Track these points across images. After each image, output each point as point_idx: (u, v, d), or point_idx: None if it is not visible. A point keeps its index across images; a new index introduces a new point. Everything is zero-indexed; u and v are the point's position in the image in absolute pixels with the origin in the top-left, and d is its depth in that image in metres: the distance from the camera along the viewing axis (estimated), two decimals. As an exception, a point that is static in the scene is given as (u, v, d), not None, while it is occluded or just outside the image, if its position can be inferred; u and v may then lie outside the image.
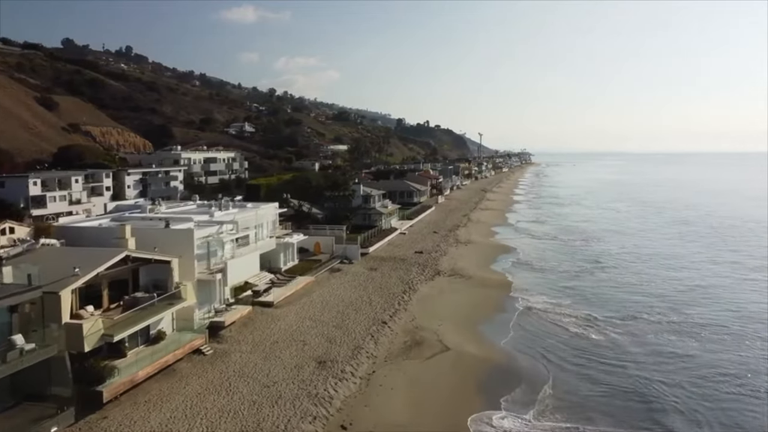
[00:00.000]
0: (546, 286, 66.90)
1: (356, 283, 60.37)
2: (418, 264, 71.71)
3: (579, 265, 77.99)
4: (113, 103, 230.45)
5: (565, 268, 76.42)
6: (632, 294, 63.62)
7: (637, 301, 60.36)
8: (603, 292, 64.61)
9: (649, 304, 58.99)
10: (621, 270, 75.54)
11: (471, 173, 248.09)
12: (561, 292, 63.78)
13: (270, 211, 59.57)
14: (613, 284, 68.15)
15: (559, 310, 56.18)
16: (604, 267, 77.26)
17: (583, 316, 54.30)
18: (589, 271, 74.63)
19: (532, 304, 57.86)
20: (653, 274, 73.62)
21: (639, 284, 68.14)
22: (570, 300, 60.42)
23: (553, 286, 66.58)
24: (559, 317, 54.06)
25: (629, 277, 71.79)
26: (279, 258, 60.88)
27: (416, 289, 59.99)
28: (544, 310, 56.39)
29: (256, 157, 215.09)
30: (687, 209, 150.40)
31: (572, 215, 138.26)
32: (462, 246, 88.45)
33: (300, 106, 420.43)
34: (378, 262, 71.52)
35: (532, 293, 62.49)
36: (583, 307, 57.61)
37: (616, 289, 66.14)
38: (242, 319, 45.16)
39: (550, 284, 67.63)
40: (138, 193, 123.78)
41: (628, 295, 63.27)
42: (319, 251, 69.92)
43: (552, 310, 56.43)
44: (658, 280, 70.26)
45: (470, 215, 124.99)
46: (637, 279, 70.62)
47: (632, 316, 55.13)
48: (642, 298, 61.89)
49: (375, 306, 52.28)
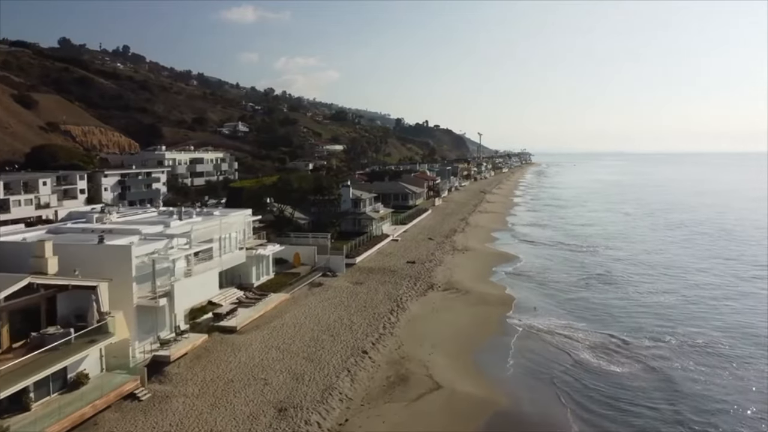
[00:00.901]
0: (551, 301, 59.88)
1: (337, 300, 53.33)
2: (410, 276, 64.69)
3: (586, 277, 70.89)
4: (102, 102, 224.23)
5: (571, 279, 69.34)
6: (648, 311, 56.50)
7: (655, 320, 53.28)
8: (615, 308, 57.54)
9: (669, 324, 51.94)
10: (634, 282, 68.47)
11: (470, 174, 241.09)
12: (568, 309, 56.72)
13: (239, 219, 52.52)
14: (625, 298, 61.12)
15: (567, 333, 49.14)
16: (614, 278, 70.19)
17: (596, 341, 47.16)
18: (598, 283, 67.54)
19: (536, 325, 50.81)
20: (670, 286, 66.56)
21: (654, 298, 61.08)
22: (578, 319, 53.39)
23: (558, 302, 59.55)
24: (569, 341, 46.99)
25: (643, 289, 64.72)
26: (250, 272, 53.86)
27: (405, 308, 52.96)
28: (551, 331, 49.35)
29: (248, 158, 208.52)
30: (694, 211, 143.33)
31: (576, 218, 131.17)
32: (459, 254, 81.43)
33: (297, 106, 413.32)
34: (365, 274, 64.50)
35: (536, 311, 55.47)
36: (595, 328, 50.57)
37: (629, 304, 59.11)
38: (195, 351, 38.13)
39: (555, 299, 60.61)
40: (116, 196, 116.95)
41: (643, 312, 56.17)
42: (299, 263, 62.86)
43: (560, 331, 49.37)
44: (676, 293, 63.17)
45: (468, 219, 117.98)
46: (652, 292, 63.54)
47: (653, 338, 48.10)
48: (660, 315, 54.79)
49: (356, 330, 45.26)
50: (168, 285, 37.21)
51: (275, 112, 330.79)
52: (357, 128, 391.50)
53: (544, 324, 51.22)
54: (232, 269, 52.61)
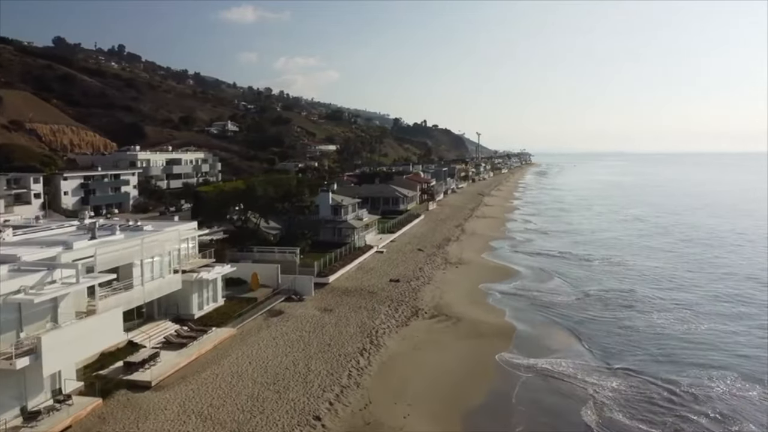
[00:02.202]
0: (561, 330, 49.74)
1: (297, 336, 43.15)
2: (391, 299, 54.51)
3: (601, 296, 60.57)
4: (84, 100, 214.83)
5: (583, 300, 59.04)
6: (684, 343, 46.29)
7: (695, 354, 43.26)
8: (642, 339, 47.19)
9: (716, 360, 41.87)
10: (660, 303, 58.08)
11: (468, 175, 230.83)
12: (584, 341, 46.55)
13: (173, 236, 42.31)
14: (652, 326, 50.58)
15: (587, 377, 38.82)
16: (636, 298, 59.81)
17: (627, 390, 36.80)
18: (617, 305, 57.30)
19: (545, 367, 40.56)
20: (706, 308, 56.31)
21: (689, 326, 50.68)
22: (599, 355, 43.31)
23: (570, 331, 49.32)
24: (591, 391, 36.69)
25: (674, 314, 54.28)
26: (190, 300, 43.71)
27: (381, 345, 42.77)
28: (565, 376, 39.15)
29: (234, 158, 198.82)
30: (702, 212, 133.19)
31: (582, 224, 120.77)
32: (451, 269, 71.26)
33: (291, 105, 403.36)
34: (338, 297, 54.31)
35: (544, 347, 45.29)
36: (622, 368, 40.37)
37: (658, 333, 48.67)
38: (81, 424, 27.98)
39: (566, 327, 50.37)
40: (78, 200, 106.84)
41: (678, 343, 46.05)
42: (257, 285, 52.55)
43: (577, 375, 39.20)
44: (717, 319, 52.91)
45: (464, 225, 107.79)
46: (684, 319, 53.09)
47: (699, 383, 37.97)
48: (701, 348, 44.67)
49: (312, 382, 35.08)
50: (39, 335, 26.94)
51: (268, 111, 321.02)
52: (353, 128, 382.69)
53: (555, 365, 40.99)
54: (167, 297, 42.57)
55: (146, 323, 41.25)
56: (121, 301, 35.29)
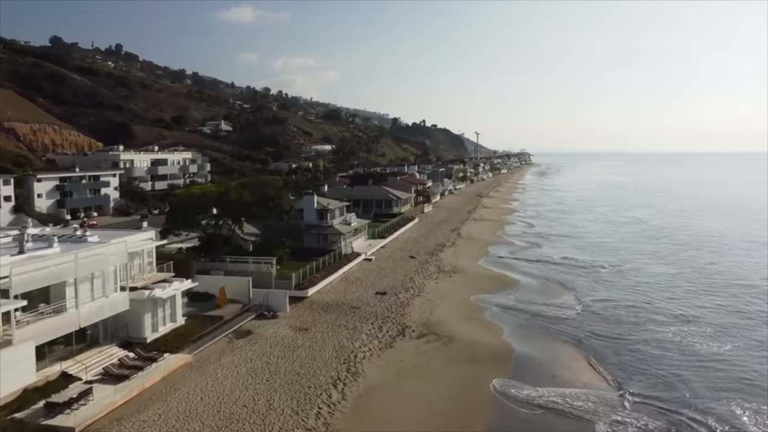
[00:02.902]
0: (568, 351, 44.32)
1: (263, 362, 37.67)
2: (376, 316, 49.04)
3: (612, 312, 54.93)
4: (74, 99, 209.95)
5: (590, 316, 53.38)
6: (716, 370, 40.64)
7: (735, 386, 37.81)
8: (667, 364, 41.47)
9: (755, 393, 36.44)
10: (680, 318, 52.63)
11: (466, 176, 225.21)
12: (594, 367, 41.12)
13: (120, 249, 36.78)
14: (677, 349, 44.64)
15: (602, 413, 33.34)
16: (651, 313, 54.08)
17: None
18: (632, 321, 51.59)
19: (552, 400, 35.03)
20: (729, 324, 50.81)
21: (713, 347, 45.17)
22: (622, 381, 37.94)
23: (578, 354, 43.91)
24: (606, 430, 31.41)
25: (697, 332, 48.56)
26: (141, 322, 38.21)
27: (359, 373, 37.29)
28: (576, 412, 33.63)
29: (226, 158, 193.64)
30: (707, 215, 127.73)
31: (584, 228, 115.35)
32: (444, 278, 65.75)
33: (288, 104, 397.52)
34: (316, 313, 48.84)
35: (547, 373, 39.81)
36: (649, 403, 34.84)
37: (686, 359, 42.63)
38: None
39: (573, 348, 44.95)
40: (54, 203, 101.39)
41: (710, 369, 40.54)
42: (224, 301, 47.01)
43: (588, 409, 33.67)
44: (748, 341, 47.28)
45: (460, 229, 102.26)
46: (710, 336, 47.47)
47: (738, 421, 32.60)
48: (739, 378, 39.21)
49: (272, 423, 29.54)
50: None
51: (264, 111, 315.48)
52: (350, 127, 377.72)
53: (562, 397, 35.47)
54: (115, 318, 37.13)
55: (88, 349, 35.76)
56: (47, 328, 29.85)
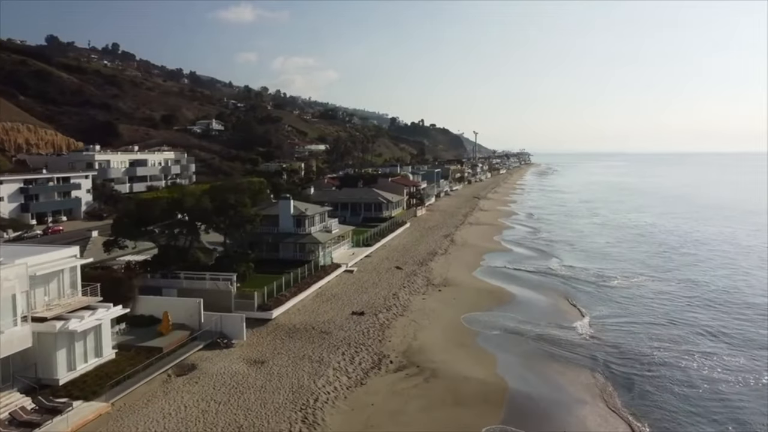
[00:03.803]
0: (576, 389, 37.32)
1: (199, 410, 30.70)
2: (349, 343, 42.10)
3: (629, 336, 47.58)
4: (61, 98, 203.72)
5: (602, 341, 46.18)
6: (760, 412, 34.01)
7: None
8: (700, 405, 34.74)
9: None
10: (712, 348, 45.47)
11: (463, 176, 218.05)
12: (613, 411, 34.16)
13: (18, 272, 29.80)
14: (708, 384, 38.02)
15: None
16: (675, 337, 47.21)
17: None
18: (654, 348, 44.57)
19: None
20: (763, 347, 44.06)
21: (751, 380, 38.37)
22: None
23: (590, 394, 36.92)
24: None
25: (730, 364, 41.66)
26: (53, 360, 31.25)
27: (317, 423, 30.31)
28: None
29: (215, 159, 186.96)
30: (716, 218, 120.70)
31: (590, 233, 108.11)
32: (434, 293, 58.79)
33: (283, 103, 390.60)
34: (279, 340, 41.91)
35: (552, 418, 32.89)
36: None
37: (722, 399, 35.95)
38: None
39: (582, 386, 37.96)
40: (18, 207, 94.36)
41: (757, 414, 33.71)
42: (168, 328, 39.95)
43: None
44: None
45: (454, 234, 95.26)
46: (745, 370, 40.50)
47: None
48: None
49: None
50: None
51: (258, 110, 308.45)
52: (347, 127, 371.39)
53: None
54: (21, 356, 30.24)
55: (-18, 395, 28.87)
56: None
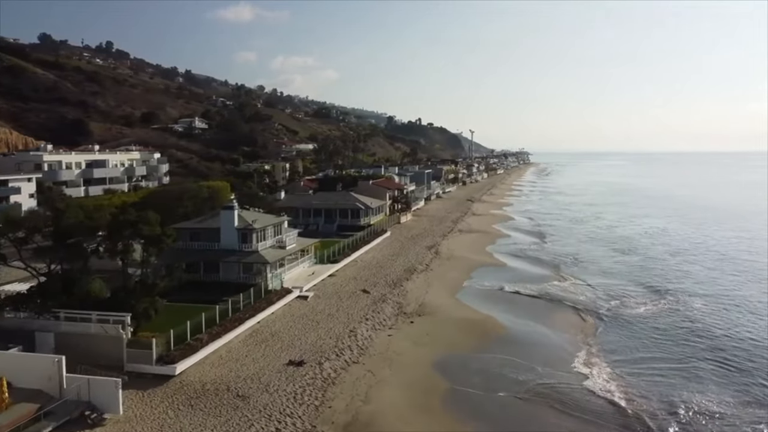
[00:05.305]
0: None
1: None
2: (269, 415, 30.33)
3: (666, 412, 36.32)
4: (33, 95, 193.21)
5: (624, 414, 34.86)
6: None
7: None
8: None
9: None
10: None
11: (457, 177, 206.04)
12: None
13: None
14: None
15: None
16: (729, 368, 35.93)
17: None
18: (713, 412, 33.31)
19: None
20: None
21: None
22: None
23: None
24: None
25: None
26: None
27: None
28: None
29: (193, 159, 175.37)
30: (730, 223, 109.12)
31: (598, 241, 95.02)
32: (403, 325, 47.04)
33: (274, 101, 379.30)
34: (173, 412, 30.12)
35: None
36: None
37: None
38: None
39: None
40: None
41: None
42: (5, 401, 28.10)
43: None
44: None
45: (440, 245, 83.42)
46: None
47: None
48: None
49: None
50: None
51: (246, 108, 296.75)
52: (341, 126, 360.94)
53: None
54: None
55: None
56: None
